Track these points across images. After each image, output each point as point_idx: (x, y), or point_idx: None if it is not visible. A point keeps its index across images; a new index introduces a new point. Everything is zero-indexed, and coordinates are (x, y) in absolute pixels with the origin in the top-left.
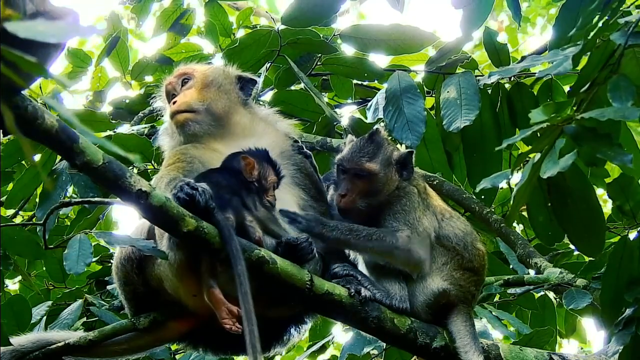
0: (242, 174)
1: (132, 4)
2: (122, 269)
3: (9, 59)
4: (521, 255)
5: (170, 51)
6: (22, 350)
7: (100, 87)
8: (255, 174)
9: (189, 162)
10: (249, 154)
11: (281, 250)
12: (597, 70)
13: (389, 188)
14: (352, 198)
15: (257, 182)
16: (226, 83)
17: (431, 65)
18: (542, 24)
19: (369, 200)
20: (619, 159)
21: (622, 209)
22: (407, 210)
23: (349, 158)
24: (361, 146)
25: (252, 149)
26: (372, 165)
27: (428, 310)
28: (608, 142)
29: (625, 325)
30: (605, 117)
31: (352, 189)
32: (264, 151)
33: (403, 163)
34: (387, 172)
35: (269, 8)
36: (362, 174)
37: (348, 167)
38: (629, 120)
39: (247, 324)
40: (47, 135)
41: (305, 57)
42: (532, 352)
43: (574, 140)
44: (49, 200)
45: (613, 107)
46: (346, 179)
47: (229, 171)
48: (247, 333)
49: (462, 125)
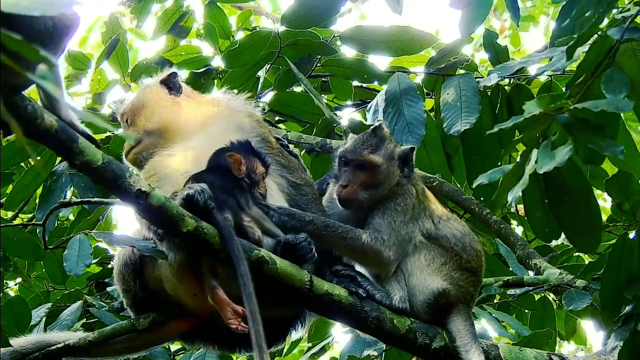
0: (231, 171)
1: (132, 4)
2: (121, 276)
3: (12, 48)
4: (521, 256)
5: (169, 53)
6: (22, 352)
7: (99, 89)
8: (244, 169)
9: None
10: (234, 150)
11: (280, 250)
12: (594, 66)
13: (390, 182)
14: (354, 189)
15: (247, 177)
16: (153, 95)
17: (431, 67)
18: (545, 24)
19: (370, 192)
20: (610, 150)
21: (622, 207)
22: (399, 210)
23: (352, 150)
24: (364, 139)
25: (234, 144)
26: (375, 157)
27: (428, 310)
28: (600, 134)
29: (624, 321)
30: (598, 108)
31: (354, 180)
32: (246, 143)
33: (405, 159)
34: (389, 165)
35: (273, 8)
36: (365, 165)
37: (351, 158)
38: (622, 112)
39: (252, 324)
40: (46, 135)
41: (305, 58)
42: (531, 352)
43: (566, 130)
44: (49, 202)
45: (607, 99)
46: (348, 170)
47: (218, 170)
48: (253, 333)
49: (462, 129)
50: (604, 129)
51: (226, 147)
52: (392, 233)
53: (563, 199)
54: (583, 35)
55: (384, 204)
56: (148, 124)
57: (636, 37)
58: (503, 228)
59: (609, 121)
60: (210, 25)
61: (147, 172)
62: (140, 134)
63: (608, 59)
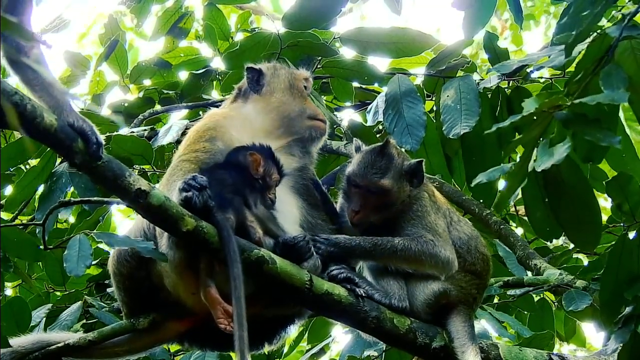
0: (248, 170)
1: (132, 4)
2: (127, 265)
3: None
4: (521, 256)
5: (168, 55)
6: (22, 351)
7: (98, 91)
8: (261, 171)
9: (210, 152)
10: (256, 150)
11: (279, 250)
12: (593, 64)
13: (401, 199)
14: (366, 213)
15: (262, 179)
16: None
17: (431, 68)
18: (546, 23)
19: (382, 213)
20: (607, 140)
21: (621, 207)
22: (421, 215)
23: (361, 174)
24: (373, 161)
25: (256, 145)
26: (385, 181)
27: (428, 310)
28: (597, 126)
29: (624, 323)
30: (594, 102)
31: (365, 205)
32: (269, 148)
33: (413, 173)
34: (399, 185)
35: (273, 8)
36: (376, 191)
37: (361, 184)
38: (618, 103)
39: (237, 327)
40: (46, 134)
41: (305, 60)
42: (531, 352)
43: (564, 126)
44: (49, 202)
45: (603, 93)
46: (358, 195)
47: (235, 167)
48: (237, 338)
49: (462, 132)
50: (600, 121)
51: (249, 145)
52: (434, 233)
53: (562, 197)
54: (581, 32)
55: (404, 215)
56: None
57: (635, 35)
58: (503, 229)
59: (607, 117)
60: (210, 26)
61: (207, 141)
62: None
63: (607, 57)
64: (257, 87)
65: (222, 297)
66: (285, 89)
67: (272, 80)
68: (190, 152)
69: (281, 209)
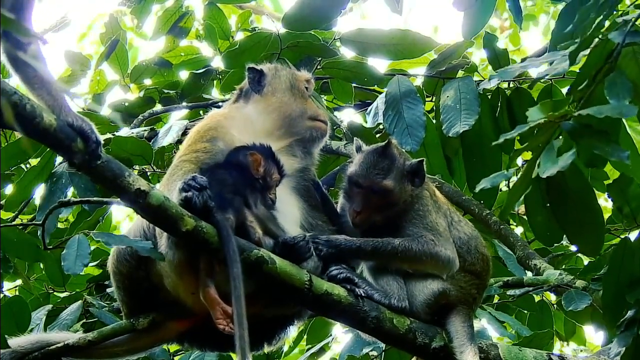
0: (249, 170)
1: (132, 4)
2: (127, 264)
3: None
4: (520, 257)
5: (169, 54)
6: (22, 351)
7: (99, 90)
8: (261, 171)
9: (211, 153)
10: (256, 150)
11: (278, 250)
12: (595, 70)
13: (403, 198)
14: (368, 214)
15: (262, 179)
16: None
17: (432, 69)
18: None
19: (383, 213)
20: (615, 155)
21: (622, 210)
22: (422, 214)
23: (364, 175)
24: (375, 162)
25: (257, 145)
26: (387, 182)
27: (427, 310)
28: (605, 139)
29: (627, 326)
30: (602, 114)
31: (367, 206)
32: (269, 147)
33: (415, 172)
34: (401, 185)
35: (274, 8)
36: (378, 191)
37: (363, 185)
38: (626, 117)
39: (237, 328)
40: (45, 133)
41: (305, 60)
42: (531, 352)
43: (570, 137)
44: (50, 203)
45: (610, 105)
46: (360, 195)
47: (236, 167)
48: (238, 338)
49: (461, 130)
50: (608, 134)
51: (249, 145)
52: (435, 233)
53: (565, 202)
54: (586, 39)
55: (405, 215)
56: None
57: (637, 41)
58: (503, 229)
59: (612, 125)
60: (210, 25)
61: (208, 141)
62: None
63: (610, 63)
64: (258, 87)
65: (222, 297)
66: (286, 89)
67: (273, 80)
68: (191, 152)
69: (281, 210)
